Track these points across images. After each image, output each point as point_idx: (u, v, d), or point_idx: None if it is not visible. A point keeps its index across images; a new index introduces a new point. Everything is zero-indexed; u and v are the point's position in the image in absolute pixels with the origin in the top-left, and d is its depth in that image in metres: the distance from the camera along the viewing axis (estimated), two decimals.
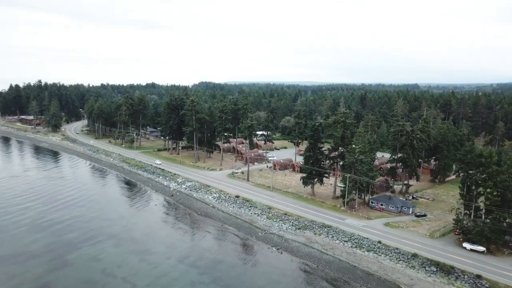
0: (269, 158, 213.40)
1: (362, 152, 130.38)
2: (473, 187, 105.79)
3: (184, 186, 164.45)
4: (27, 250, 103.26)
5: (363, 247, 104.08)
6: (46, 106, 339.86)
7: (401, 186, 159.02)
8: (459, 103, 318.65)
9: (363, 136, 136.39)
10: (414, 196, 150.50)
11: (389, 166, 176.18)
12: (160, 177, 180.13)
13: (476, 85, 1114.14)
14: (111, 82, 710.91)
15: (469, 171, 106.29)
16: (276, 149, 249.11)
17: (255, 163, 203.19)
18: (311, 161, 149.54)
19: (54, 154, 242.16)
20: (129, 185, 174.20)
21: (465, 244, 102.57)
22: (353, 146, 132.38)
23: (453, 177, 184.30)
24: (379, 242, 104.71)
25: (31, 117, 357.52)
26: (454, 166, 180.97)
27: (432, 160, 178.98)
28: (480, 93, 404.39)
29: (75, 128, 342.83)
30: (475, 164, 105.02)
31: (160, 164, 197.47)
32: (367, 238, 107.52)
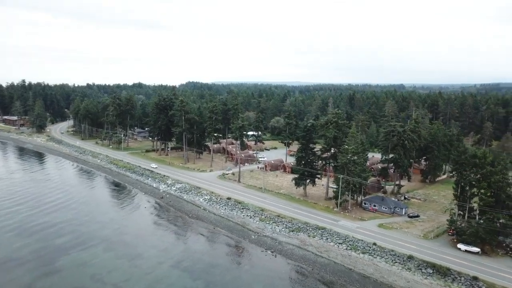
0: (260, 159, 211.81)
1: (355, 152, 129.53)
2: (467, 188, 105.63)
3: (174, 188, 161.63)
4: (14, 256, 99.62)
5: (358, 249, 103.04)
6: (30, 106, 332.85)
7: (392, 186, 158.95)
8: (446, 103, 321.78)
9: (356, 137, 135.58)
10: (406, 196, 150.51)
11: (380, 167, 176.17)
12: (149, 179, 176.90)
13: (460, 85, 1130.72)
14: (97, 82, 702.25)
15: (463, 172, 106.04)
16: (266, 149, 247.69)
17: (246, 164, 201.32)
18: (303, 162, 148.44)
19: (40, 156, 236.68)
20: (118, 187, 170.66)
21: (459, 245, 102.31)
22: (346, 146, 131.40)
23: (444, 177, 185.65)
24: (374, 244, 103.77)
25: (14, 118, 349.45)
26: (444, 166, 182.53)
27: (422, 160, 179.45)
28: (466, 94, 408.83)
29: (60, 129, 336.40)
30: (469, 165, 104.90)
31: (156, 167, 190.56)
32: (362, 240, 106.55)
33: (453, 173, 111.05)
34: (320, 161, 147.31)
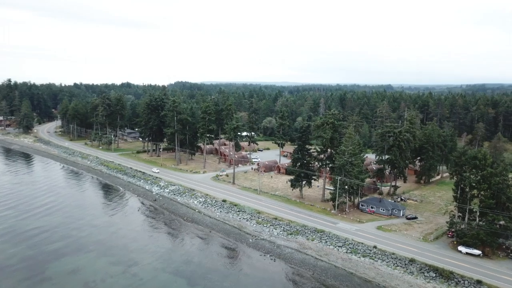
0: (253, 160, 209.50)
1: (353, 154, 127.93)
2: (467, 189, 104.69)
3: (167, 190, 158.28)
4: (4, 264, 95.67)
5: (359, 253, 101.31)
6: (16, 106, 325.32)
7: (388, 187, 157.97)
8: (437, 104, 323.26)
9: (353, 138, 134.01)
10: (402, 197, 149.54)
11: (374, 167, 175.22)
12: (141, 180, 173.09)
13: (446, 86, 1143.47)
14: (84, 82, 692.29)
15: (463, 173, 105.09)
16: (259, 150, 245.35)
17: (239, 165, 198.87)
18: (299, 163, 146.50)
19: (27, 157, 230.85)
20: (109, 189, 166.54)
21: (460, 248, 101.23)
22: (343, 148, 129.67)
23: (438, 177, 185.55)
24: (375, 247, 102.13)
25: (0, 118, 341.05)
26: (438, 167, 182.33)
27: (417, 161, 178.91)
28: (453, 94, 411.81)
29: (48, 129, 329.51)
30: (470, 166, 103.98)
31: (158, 172, 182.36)
32: (362, 243, 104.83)
33: (453, 174, 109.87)
34: (317, 163, 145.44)
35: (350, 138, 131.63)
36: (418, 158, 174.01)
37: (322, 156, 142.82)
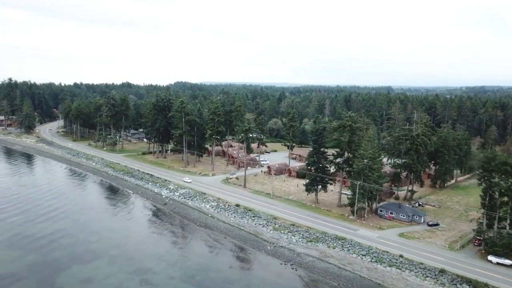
0: (262, 162, 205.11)
1: (372, 158, 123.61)
2: (497, 196, 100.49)
3: (177, 194, 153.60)
4: (7, 271, 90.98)
5: (384, 262, 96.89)
6: (17, 106, 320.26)
7: (405, 192, 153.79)
8: (444, 106, 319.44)
9: (373, 141, 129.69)
10: (420, 203, 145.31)
11: (387, 171, 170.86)
12: (150, 183, 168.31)
13: (445, 87, 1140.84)
14: (84, 81, 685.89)
15: (493, 180, 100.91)
16: (267, 152, 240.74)
17: (248, 167, 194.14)
18: (314, 167, 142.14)
19: (30, 158, 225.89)
20: (117, 192, 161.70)
21: (490, 257, 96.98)
22: (362, 151, 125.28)
23: (453, 182, 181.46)
24: (401, 256, 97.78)
25: (1, 118, 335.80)
26: (454, 171, 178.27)
27: (431, 165, 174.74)
28: (463, 96, 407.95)
29: (50, 129, 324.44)
30: (499, 172, 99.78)
31: (190, 182, 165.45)
32: (387, 252, 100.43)
33: (481, 180, 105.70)
34: (334, 166, 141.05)
35: (370, 142, 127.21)
36: (433, 162, 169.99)
37: (339, 159, 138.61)
